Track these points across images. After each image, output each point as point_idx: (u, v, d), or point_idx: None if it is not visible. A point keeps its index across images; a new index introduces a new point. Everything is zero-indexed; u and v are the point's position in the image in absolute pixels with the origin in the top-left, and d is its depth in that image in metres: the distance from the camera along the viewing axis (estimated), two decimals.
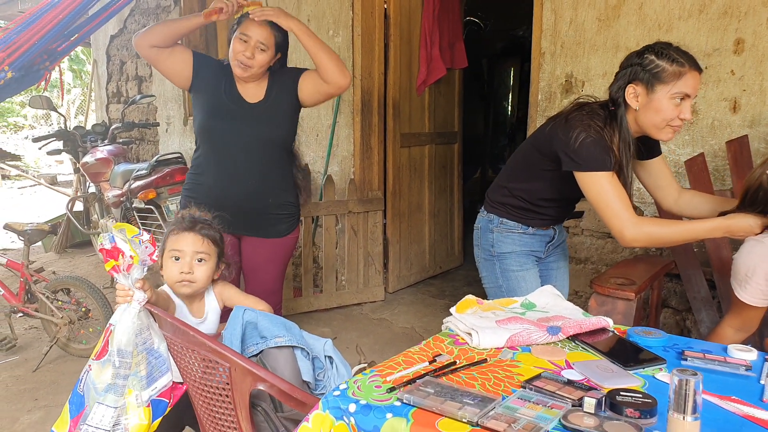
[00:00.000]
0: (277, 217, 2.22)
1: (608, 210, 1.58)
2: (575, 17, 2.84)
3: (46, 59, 1.73)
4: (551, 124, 1.70)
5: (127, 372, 1.38)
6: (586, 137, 1.56)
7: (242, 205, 2.15)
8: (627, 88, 1.59)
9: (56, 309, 2.89)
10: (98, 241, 1.41)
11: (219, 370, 1.32)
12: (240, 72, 2.07)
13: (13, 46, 1.58)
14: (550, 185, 1.75)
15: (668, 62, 1.54)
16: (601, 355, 1.25)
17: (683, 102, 1.55)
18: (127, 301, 1.40)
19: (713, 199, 1.81)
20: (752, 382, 1.15)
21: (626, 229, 1.56)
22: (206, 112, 2.13)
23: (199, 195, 2.14)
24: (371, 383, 1.12)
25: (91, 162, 4.11)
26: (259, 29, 2.04)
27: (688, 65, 1.53)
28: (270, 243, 2.23)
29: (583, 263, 3.00)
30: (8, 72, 1.58)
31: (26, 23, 1.61)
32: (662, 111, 1.56)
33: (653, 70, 1.55)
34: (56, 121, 12.77)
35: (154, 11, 4.87)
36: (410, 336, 3.24)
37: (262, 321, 1.53)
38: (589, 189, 1.60)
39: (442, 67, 3.91)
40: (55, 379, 2.78)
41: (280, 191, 2.22)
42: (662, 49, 1.56)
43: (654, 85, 1.55)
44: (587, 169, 1.58)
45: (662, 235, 1.59)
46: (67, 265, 4.77)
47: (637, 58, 1.59)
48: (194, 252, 1.67)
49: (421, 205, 4.14)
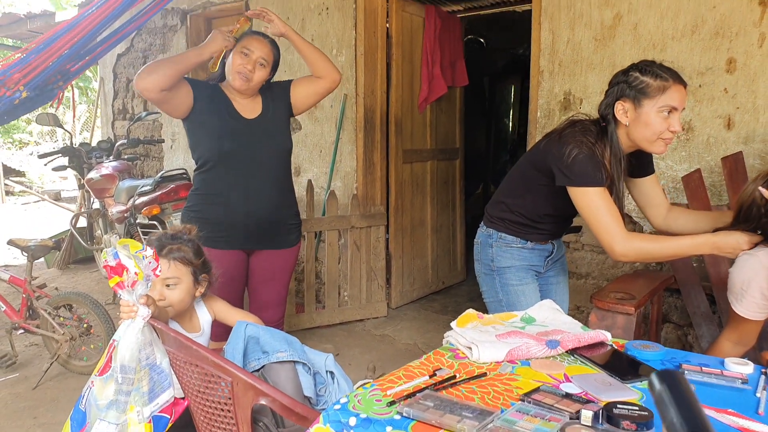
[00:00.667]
0: (290, 227, 2.29)
1: (599, 225, 1.62)
2: (572, 37, 2.89)
3: (59, 79, 1.77)
4: (545, 140, 1.74)
5: (129, 388, 1.39)
6: (578, 153, 1.60)
7: (264, 219, 2.18)
8: (615, 105, 1.64)
9: (58, 325, 2.88)
10: (102, 257, 1.42)
11: (221, 384, 1.33)
12: (240, 84, 2.10)
13: (29, 67, 1.62)
14: (546, 200, 1.78)
15: (652, 78, 1.59)
16: (599, 369, 1.26)
17: (671, 115, 1.60)
18: (131, 316, 1.40)
19: (700, 216, 1.85)
20: (748, 395, 1.16)
21: (616, 244, 1.60)
22: (215, 135, 2.12)
23: (214, 215, 2.13)
24: (372, 397, 1.13)
25: (96, 178, 4.15)
26: (261, 45, 2.10)
27: (672, 79, 1.59)
28: (283, 253, 2.28)
29: (584, 278, 3.02)
30: (23, 92, 1.62)
31: (43, 45, 1.65)
32: (651, 124, 1.60)
33: (639, 86, 1.60)
34: (62, 138, 12.87)
35: (161, 30, 4.96)
36: (413, 352, 3.24)
37: (264, 336, 1.55)
38: (580, 204, 1.64)
39: (443, 85, 3.97)
40: (55, 397, 2.76)
41: (291, 201, 2.30)
42: (646, 66, 1.62)
43: (641, 100, 1.60)
44: (579, 184, 1.62)
45: (651, 250, 1.63)
46: (70, 280, 4.79)
47: (623, 76, 1.65)
48: (162, 279, 1.64)
49: (424, 221, 4.17)
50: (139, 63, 5.20)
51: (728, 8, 2.48)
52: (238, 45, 2.11)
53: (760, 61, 2.43)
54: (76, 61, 1.80)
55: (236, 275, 2.18)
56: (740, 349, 1.75)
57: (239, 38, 2.14)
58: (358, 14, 3.67)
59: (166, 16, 4.88)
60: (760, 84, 2.45)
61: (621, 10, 2.73)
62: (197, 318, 1.76)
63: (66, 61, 1.72)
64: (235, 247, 2.15)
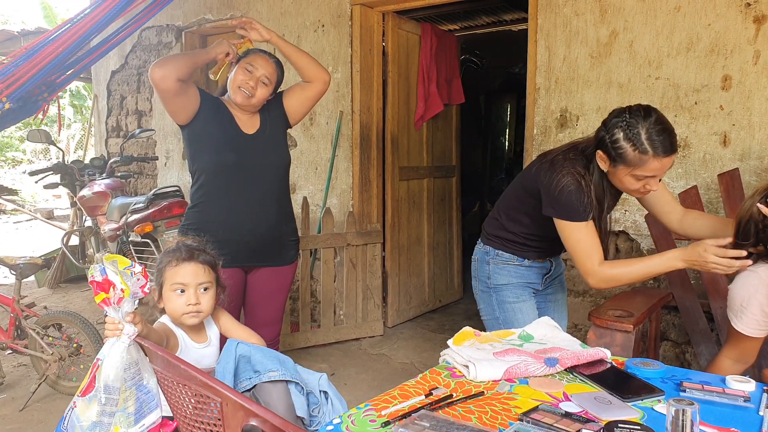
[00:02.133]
0: (290, 243, 2.27)
1: (577, 256, 1.67)
2: (568, 54, 2.90)
3: (44, 90, 1.74)
4: (537, 164, 1.75)
5: (113, 409, 1.34)
6: (565, 185, 1.61)
7: (265, 236, 2.16)
8: (596, 152, 1.62)
9: (46, 345, 2.82)
10: (89, 273, 1.38)
11: (210, 405, 1.29)
12: (242, 99, 2.09)
13: (11, 78, 1.60)
14: (539, 221, 1.77)
15: (632, 147, 1.51)
16: (599, 387, 1.24)
17: (648, 179, 1.57)
18: (116, 335, 1.36)
19: (717, 221, 1.82)
20: (751, 413, 1.15)
21: (589, 277, 1.66)
22: (216, 146, 2.10)
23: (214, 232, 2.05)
24: (366, 417, 1.10)
25: (88, 195, 4.12)
26: (265, 64, 2.10)
27: (653, 153, 1.49)
28: (282, 270, 2.26)
29: (582, 296, 2.99)
30: (6, 103, 1.60)
31: (25, 56, 1.63)
32: (625, 184, 1.61)
33: (617, 150, 1.54)
34: (55, 156, 12.85)
35: (156, 47, 4.97)
36: (409, 371, 3.19)
37: (255, 355, 1.51)
38: (562, 234, 1.68)
39: (439, 103, 3.98)
40: (43, 419, 2.70)
41: (290, 217, 2.28)
42: (632, 127, 1.50)
43: (616, 162, 1.57)
44: (562, 218, 1.65)
45: (621, 275, 1.66)
46: (61, 300, 4.72)
47: (604, 129, 1.58)
48: (197, 282, 1.64)
49: (420, 238, 4.14)
50: (133, 80, 5.21)
51: (723, 26, 2.50)
52: (243, 60, 2.11)
53: (755, 79, 2.44)
54: (62, 72, 1.78)
55: (233, 294, 2.14)
56: (740, 367, 1.72)
57: (242, 55, 2.14)
58: (354, 31, 3.69)
59: (161, 33, 4.90)
60: (755, 101, 2.45)
61: (617, 27, 2.75)
62: (205, 329, 1.72)
63: (50, 72, 1.70)
64: (235, 265, 2.11)
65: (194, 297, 1.63)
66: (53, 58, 1.64)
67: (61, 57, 1.67)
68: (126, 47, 5.23)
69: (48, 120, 11.90)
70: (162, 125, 4.99)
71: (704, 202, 2.47)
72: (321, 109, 3.91)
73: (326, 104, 3.87)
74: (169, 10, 4.80)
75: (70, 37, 1.67)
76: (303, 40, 3.95)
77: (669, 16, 2.62)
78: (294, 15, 3.98)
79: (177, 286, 1.63)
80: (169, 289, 1.63)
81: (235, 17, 2.18)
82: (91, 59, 1.88)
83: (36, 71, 1.62)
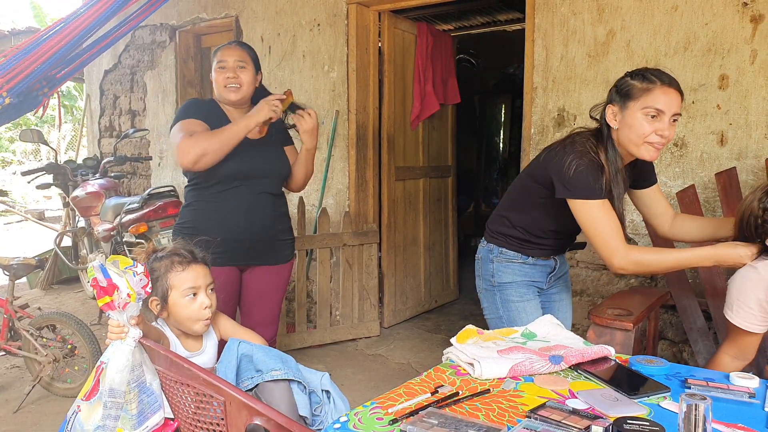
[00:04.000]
0: (284, 243, 2.26)
1: (598, 237, 1.60)
2: (566, 53, 2.91)
3: (45, 85, 1.72)
4: (546, 152, 1.73)
5: (118, 412, 1.32)
6: (578, 165, 1.59)
7: (260, 235, 2.15)
8: (606, 109, 1.65)
9: (40, 346, 2.79)
10: (89, 275, 1.35)
11: (213, 404, 1.28)
12: (233, 95, 2.10)
13: (11, 72, 1.58)
14: (547, 214, 1.76)
15: (638, 80, 1.59)
16: (604, 384, 1.23)
17: (657, 118, 1.56)
18: (120, 338, 1.33)
19: (705, 222, 1.84)
20: (757, 409, 1.15)
21: (614, 258, 1.59)
22: None
23: (209, 231, 2.04)
24: (372, 415, 1.09)
25: (82, 196, 4.08)
26: (231, 52, 2.11)
27: (659, 82, 1.57)
28: (277, 269, 2.25)
29: (579, 295, 2.99)
30: (6, 98, 1.57)
31: (26, 50, 1.61)
32: (635, 126, 1.58)
33: (624, 89, 1.61)
34: (46, 156, 12.74)
35: (150, 47, 4.93)
36: (406, 372, 3.18)
37: (257, 354, 1.49)
38: (580, 216, 1.62)
39: (435, 103, 3.97)
40: (37, 421, 2.67)
41: (285, 218, 2.29)
42: (637, 71, 1.62)
43: (625, 102, 1.60)
44: (579, 197, 1.60)
45: (651, 262, 1.62)
46: (54, 301, 4.68)
47: (615, 84, 1.66)
48: (207, 283, 1.62)
49: (416, 238, 4.13)
50: (126, 79, 5.16)
51: (720, 25, 2.51)
52: (214, 65, 2.12)
53: (752, 78, 2.46)
54: (62, 68, 1.75)
55: (230, 293, 2.13)
56: (739, 364, 1.73)
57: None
58: (350, 30, 3.68)
59: (155, 32, 4.87)
60: (752, 100, 2.47)
61: (614, 26, 2.75)
62: (201, 337, 1.69)
63: (50, 66, 1.67)
64: (230, 263, 2.10)
65: (208, 299, 1.60)
66: (54, 53, 1.62)
67: (62, 52, 1.65)
68: (119, 46, 5.19)
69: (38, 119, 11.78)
70: (156, 125, 4.96)
71: (702, 201, 2.48)
72: (317, 108, 3.89)
73: (322, 104, 3.86)
74: (162, 8, 4.77)
75: (71, 32, 1.64)
76: (299, 39, 3.94)
77: (666, 15, 2.63)
78: (290, 14, 3.97)
79: (189, 290, 1.58)
80: (181, 296, 1.58)
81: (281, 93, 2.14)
82: (92, 54, 1.87)
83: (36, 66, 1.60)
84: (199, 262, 1.64)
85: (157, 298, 1.58)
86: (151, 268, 1.59)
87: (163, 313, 1.61)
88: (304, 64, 3.92)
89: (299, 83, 3.96)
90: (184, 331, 1.64)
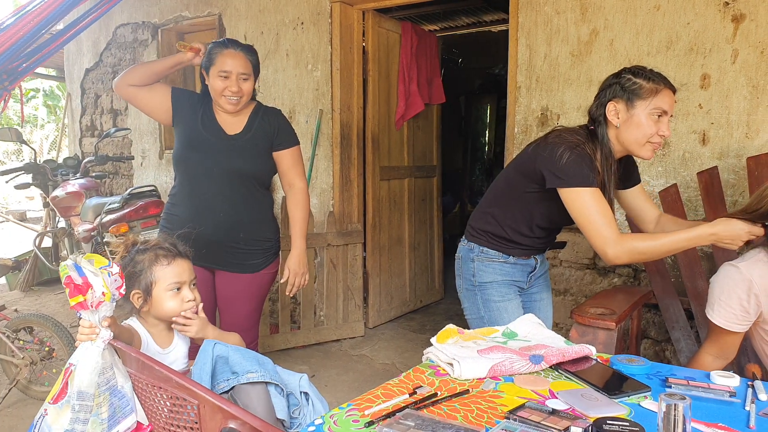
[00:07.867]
0: (249, 253, 2.15)
1: (591, 227, 1.56)
2: (549, 53, 2.90)
3: (5, 79, 1.66)
4: (533, 146, 1.72)
5: (87, 416, 1.28)
6: (570, 154, 1.57)
7: (212, 238, 2.08)
8: (608, 105, 1.63)
9: (17, 349, 2.74)
10: (62, 273, 1.31)
11: (186, 407, 1.25)
12: (231, 107, 2.06)
13: None
14: (533, 209, 1.74)
15: (645, 80, 1.61)
16: (585, 384, 1.22)
17: (661, 119, 1.60)
18: (91, 339, 1.30)
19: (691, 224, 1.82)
20: (737, 408, 1.14)
21: (608, 247, 1.54)
22: (182, 143, 2.12)
23: (174, 227, 2.06)
24: (348, 417, 1.07)
25: (62, 196, 4.01)
26: (235, 61, 2.03)
27: (663, 84, 1.61)
28: (243, 278, 2.16)
29: (563, 294, 2.99)
30: None
31: None
32: (642, 126, 1.59)
33: (631, 87, 1.61)
34: (28, 157, 12.53)
35: (131, 45, 4.87)
36: (391, 372, 3.16)
37: (233, 355, 1.46)
38: (572, 205, 1.58)
39: (420, 103, 3.96)
40: (14, 425, 2.62)
41: (252, 226, 2.15)
42: (639, 70, 1.64)
43: (633, 101, 1.60)
44: (571, 185, 1.57)
45: (645, 248, 1.56)
46: (33, 303, 4.60)
47: (615, 78, 1.66)
48: (190, 279, 1.61)
49: (401, 238, 4.12)
50: (108, 78, 5.09)
51: (702, 25, 2.52)
52: (213, 68, 2.04)
53: (734, 77, 2.47)
54: (24, 60, 1.70)
55: (203, 292, 2.08)
56: (721, 363, 1.73)
57: (210, 54, 2.08)
58: (334, 29, 3.65)
59: (137, 30, 4.81)
60: (733, 100, 2.48)
61: (597, 26, 2.75)
62: (173, 333, 1.65)
63: (11, 59, 1.62)
64: (197, 263, 2.04)
65: (191, 294, 1.59)
66: (12, 44, 1.56)
67: (20, 42, 1.59)
68: (101, 44, 5.12)
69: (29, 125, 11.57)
70: (138, 124, 4.89)
71: (684, 200, 2.48)
72: (300, 107, 3.86)
73: (306, 102, 3.83)
74: (144, 6, 4.71)
75: (29, 23, 1.59)
76: (282, 38, 3.90)
77: (649, 15, 2.63)
78: (273, 12, 3.93)
79: (174, 285, 1.56)
80: (165, 290, 1.56)
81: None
82: (57, 45, 1.81)
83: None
84: (183, 256, 1.62)
85: (140, 291, 1.56)
86: (134, 260, 1.58)
87: (145, 306, 1.58)
88: (288, 62, 3.89)
89: (283, 82, 3.92)
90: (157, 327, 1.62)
